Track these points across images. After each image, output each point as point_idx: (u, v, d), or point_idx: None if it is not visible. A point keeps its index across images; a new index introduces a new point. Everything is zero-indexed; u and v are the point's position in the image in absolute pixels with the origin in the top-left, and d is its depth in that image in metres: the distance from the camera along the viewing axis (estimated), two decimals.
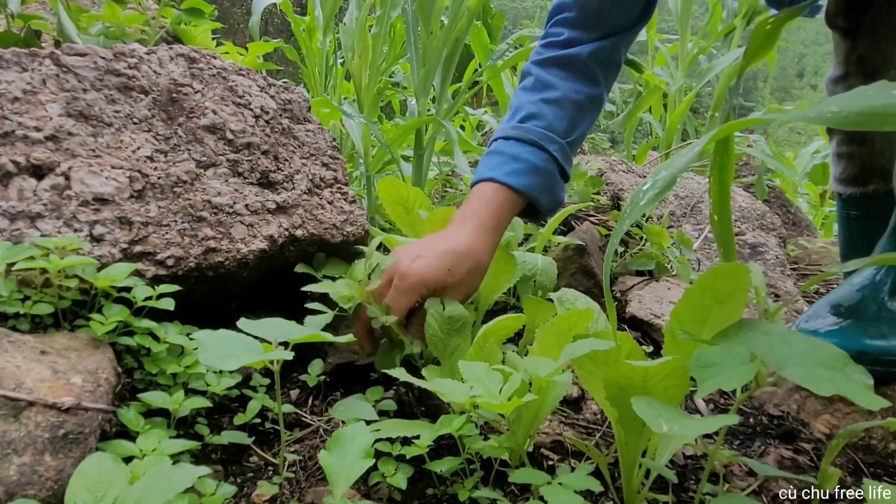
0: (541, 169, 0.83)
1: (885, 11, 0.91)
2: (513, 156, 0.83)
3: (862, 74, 0.96)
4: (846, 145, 1.05)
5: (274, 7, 2.36)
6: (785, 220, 2.23)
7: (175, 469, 0.44)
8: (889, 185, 1.03)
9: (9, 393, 0.49)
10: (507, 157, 0.83)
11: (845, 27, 0.95)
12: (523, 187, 0.82)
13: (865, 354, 0.82)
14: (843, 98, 0.36)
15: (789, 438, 0.80)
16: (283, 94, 0.90)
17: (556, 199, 0.87)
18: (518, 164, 0.82)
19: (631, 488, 0.60)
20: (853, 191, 1.07)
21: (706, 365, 0.47)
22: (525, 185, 0.82)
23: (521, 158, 0.83)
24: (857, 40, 0.94)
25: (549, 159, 0.84)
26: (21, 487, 0.46)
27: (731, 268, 0.53)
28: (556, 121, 0.85)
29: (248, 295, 0.84)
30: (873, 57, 0.93)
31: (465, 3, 1.36)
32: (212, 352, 0.52)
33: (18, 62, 0.69)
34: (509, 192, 0.82)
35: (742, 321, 0.52)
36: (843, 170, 1.07)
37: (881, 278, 0.90)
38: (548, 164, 0.84)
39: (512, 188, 0.82)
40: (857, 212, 1.08)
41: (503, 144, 0.85)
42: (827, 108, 0.36)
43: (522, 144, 0.84)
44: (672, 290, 1.21)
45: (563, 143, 0.85)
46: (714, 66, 2.65)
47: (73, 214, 0.66)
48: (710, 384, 0.46)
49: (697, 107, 6.68)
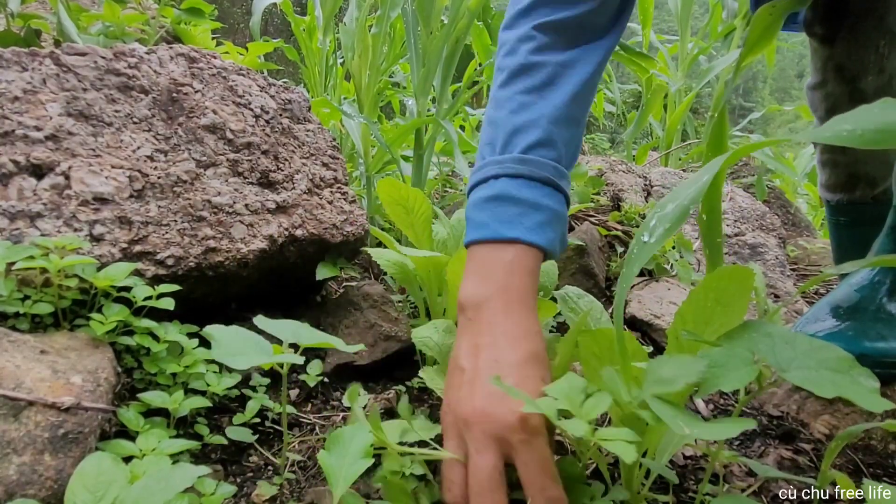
0: (561, 216, 0.66)
1: (862, 19, 0.91)
2: (533, 204, 0.63)
3: (840, 81, 0.96)
4: (829, 153, 1.06)
5: (274, 7, 2.36)
6: (785, 220, 2.23)
7: (175, 469, 0.44)
8: (875, 190, 1.03)
9: (8, 392, 0.49)
10: (526, 206, 0.63)
11: (823, 34, 0.96)
12: (548, 244, 0.63)
13: (865, 357, 0.82)
14: (854, 116, 0.35)
15: (789, 439, 0.80)
16: (283, 94, 0.90)
17: (566, 243, 0.70)
18: (540, 214, 0.63)
19: (631, 489, 0.60)
20: (840, 197, 1.08)
21: (708, 366, 0.47)
22: (549, 240, 0.64)
23: (542, 207, 0.64)
24: (835, 47, 0.95)
25: (564, 201, 0.67)
26: (21, 487, 0.46)
27: (736, 270, 0.53)
28: (564, 148, 0.67)
29: (247, 295, 0.84)
30: (851, 64, 0.94)
31: (466, 3, 1.36)
32: (224, 348, 0.52)
33: (18, 61, 0.69)
34: (534, 252, 0.63)
35: (746, 322, 0.52)
36: (828, 177, 1.08)
37: (879, 278, 0.91)
38: (564, 206, 0.67)
39: (537, 247, 0.63)
40: (845, 218, 1.08)
41: (511, 186, 0.64)
42: (841, 126, 0.35)
43: (538, 185, 0.64)
44: (672, 291, 1.21)
45: (568, 174, 0.68)
46: (714, 66, 2.65)
47: (73, 214, 0.66)
48: (710, 385, 0.45)
49: (697, 107, 6.68)
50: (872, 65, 0.92)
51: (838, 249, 1.12)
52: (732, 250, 1.67)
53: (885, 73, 0.92)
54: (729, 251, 1.65)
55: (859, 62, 0.93)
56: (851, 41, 0.93)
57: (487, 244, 0.63)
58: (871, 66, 0.92)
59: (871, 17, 0.90)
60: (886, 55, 0.91)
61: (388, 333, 0.86)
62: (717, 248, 0.65)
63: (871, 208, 1.04)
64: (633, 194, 1.70)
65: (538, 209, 0.63)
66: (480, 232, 0.63)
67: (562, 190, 0.66)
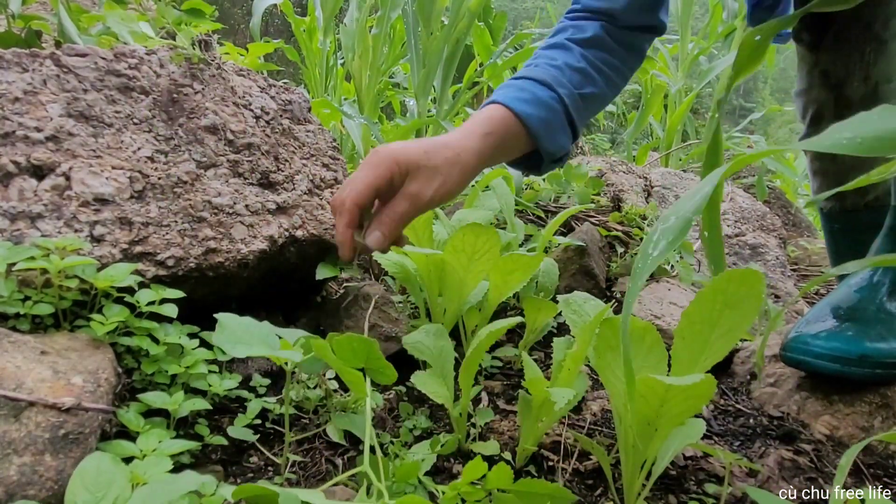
0: (544, 103, 0.78)
1: (846, 26, 0.92)
2: (518, 87, 0.79)
3: (825, 87, 0.97)
4: (819, 161, 1.06)
5: (274, 8, 2.36)
6: (785, 220, 2.23)
7: (177, 477, 0.44)
8: (866, 198, 1.04)
9: (9, 393, 0.49)
10: (513, 87, 0.79)
11: (809, 41, 0.96)
12: (522, 112, 0.76)
13: (866, 358, 0.82)
14: (854, 123, 0.35)
15: (790, 439, 0.80)
16: (284, 95, 0.90)
17: (558, 143, 0.81)
18: (523, 93, 0.78)
19: (632, 489, 0.60)
20: (832, 205, 1.08)
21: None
22: (525, 111, 0.76)
23: (526, 89, 0.78)
24: (821, 53, 0.95)
25: (555, 98, 0.79)
26: (21, 488, 0.46)
27: (745, 273, 0.54)
28: (567, 69, 0.82)
29: (248, 295, 0.84)
30: (836, 70, 0.94)
31: (466, 4, 1.36)
32: (227, 335, 0.52)
33: (19, 63, 0.69)
34: (507, 111, 0.76)
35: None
36: (819, 185, 1.08)
37: (879, 279, 0.91)
38: (553, 101, 0.79)
39: (511, 110, 0.76)
40: (839, 225, 1.09)
41: (510, 80, 0.81)
42: (841, 134, 0.35)
43: (530, 81, 0.80)
44: (672, 291, 1.21)
45: (573, 90, 0.81)
46: (714, 66, 2.65)
47: (74, 215, 0.66)
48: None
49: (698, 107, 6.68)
50: (858, 71, 0.92)
51: (835, 255, 1.13)
52: (733, 250, 1.67)
53: (871, 80, 0.92)
54: (729, 251, 1.65)
55: (844, 69, 0.93)
56: (837, 48, 0.94)
57: (489, 105, 0.79)
58: (857, 72, 0.92)
59: (857, 24, 0.90)
60: (873, 62, 0.91)
61: (388, 334, 0.86)
62: (720, 263, 0.66)
63: (865, 215, 1.04)
64: (633, 195, 1.70)
65: (522, 90, 0.79)
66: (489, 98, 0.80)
67: (554, 90, 0.80)
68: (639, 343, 0.62)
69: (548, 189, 1.57)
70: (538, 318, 0.94)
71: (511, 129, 0.77)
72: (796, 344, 0.86)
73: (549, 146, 0.80)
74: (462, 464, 0.67)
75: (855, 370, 0.82)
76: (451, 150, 0.70)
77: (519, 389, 0.84)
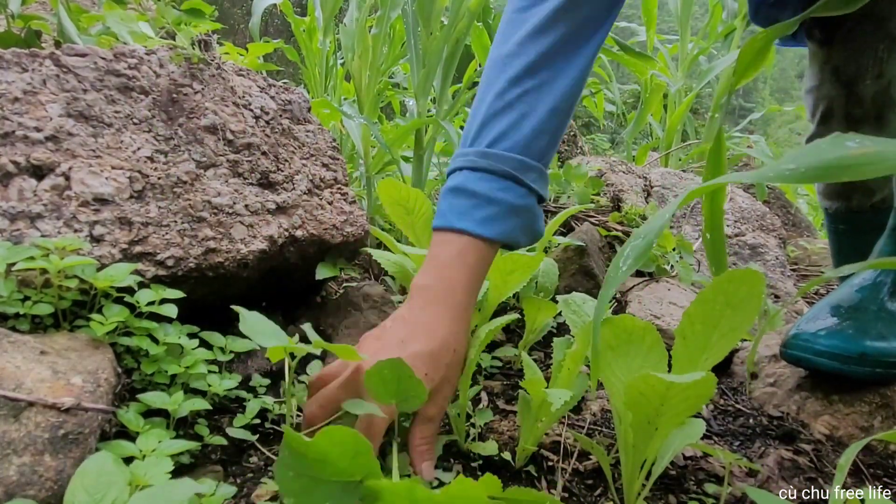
0: (519, 208, 0.68)
1: (860, 22, 0.91)
2: (486, 197, 0.67)
3: (836, 84, 0.96)
4: None
5: (274, 8, 2.36)
6: (785, 220, 2.23)
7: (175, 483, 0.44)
8: (873, 199, 1.03)
9: (8, 393, 0.49)
10: (479, 198, 0.67)
11: (821, 38, 0.95)
12: (500, 236, 0.67)
13: (866, 356, 0.82)
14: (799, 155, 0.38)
15: (789, 439, 0.80)
16: (283, 95, 0.90)
17: (536, 233, 0.73)
18: (492, 207, 0.67)
19: (632, 489, 0.60)
20: (838, 205, 1.08)
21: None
22: (502, 232, 0.67)
23: (495, 200, 0.67)
24: (833, 50, 0.94)
25: (527, 194, 0.69)
26: (21, 488, 0.46)
27: (746, 273, 0.54)
28: (533, 139, 0.68)
29: (248, 295, 0.84)
30: (848, 67, 0.93)
31: (466, 4, 1.36)
32: (251, 326, 0.54)
33: (19, 62, 0.69)
34: (483, 244, 0.67)
35: None
36: (825, 185, 1.07)
37: (881, 279, 0.91)
38: (526, 199, 0.69)
39: (487, 240, 0.67)
40: (844, 226, 1.09)
41: (470, 179, 0.67)
42: (785, 166, 0.38)
43: (495, 179, 0.67)
44: (672, 291, 1.21)
45: (540, 167, 0.70)
46: (714, 66, 2.65)
47: (73, 215, 0.66)
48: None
49: (697, 107, 6.68)
50: (870, 69, 0.91)
51: (838, 255, 1.12)
52: (732, 250, 1.67)
53: (884, 78, 0.91)
54: (729, 251, 1.65)
55: (856, 66, 0.93)
56: (849, 44, 0.93)
57: (443, 232, 0.68)
58: (869, 70, 0.91)
59: (870, 20, 0.90)
60: (885, 59, 0.90)
61: None
62: (722, 264, 0.67)
63: (870, 216, 1.04)
64: (633, 195, 1.70)
65: (491, 202, 0.67)
66: (438, 220, 0.69)
67: (523, 184, 0.68)
68: (639, 343, 0.61)
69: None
70: (538, 318, 0.94)
71: (491, 255, 0.69)
72: (797, 341, 0.86)
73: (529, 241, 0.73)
74: (461, 464, 0.67)
75: (855, 368, 0.82)
76: (448, 353, 0.64)
77: (518, 389, 0.84)
